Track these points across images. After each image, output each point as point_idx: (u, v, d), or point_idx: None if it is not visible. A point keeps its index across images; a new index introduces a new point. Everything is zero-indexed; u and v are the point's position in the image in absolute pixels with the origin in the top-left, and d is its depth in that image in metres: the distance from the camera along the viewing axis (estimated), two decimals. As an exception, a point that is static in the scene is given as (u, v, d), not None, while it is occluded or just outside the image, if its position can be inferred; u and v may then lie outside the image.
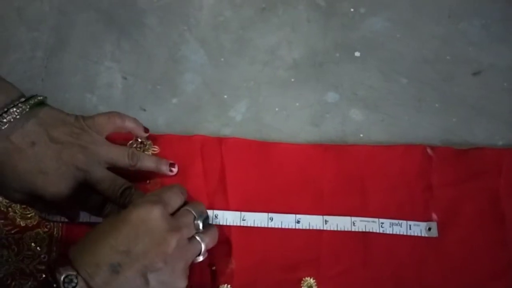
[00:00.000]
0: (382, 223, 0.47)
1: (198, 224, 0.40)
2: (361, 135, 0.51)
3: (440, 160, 0.48)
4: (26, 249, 0.46)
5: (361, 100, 0.52)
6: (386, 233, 0.46)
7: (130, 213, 0.37)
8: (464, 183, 0.47)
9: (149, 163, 0.46)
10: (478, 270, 0.45)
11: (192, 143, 0.50)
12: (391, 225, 0.46)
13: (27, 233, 0.47)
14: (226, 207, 0.48)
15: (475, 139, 0.50)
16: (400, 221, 0.46)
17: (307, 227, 0.47)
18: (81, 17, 0.56)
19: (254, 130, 0.51)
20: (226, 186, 0.48)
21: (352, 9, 0.55)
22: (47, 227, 0.47)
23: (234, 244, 0.47)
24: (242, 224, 0.47)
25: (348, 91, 0.52)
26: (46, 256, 0.46)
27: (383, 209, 0.47)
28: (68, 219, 0.46)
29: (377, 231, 0.46)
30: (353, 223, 0.47)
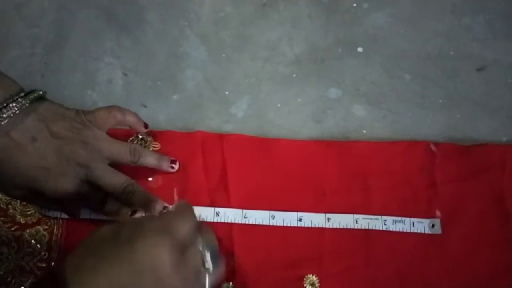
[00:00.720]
0: (385, 220, 0.46)
1: (209, 269, 0.35)
2: (363, 131, 0.50)
3: (444, 157, 0.48)
4: (26, 246, 0.46)
5: (364, 96, 0.52)
6: (389, 230, 0.46)
7: (136, 252, 0.31)
8: (467, 180, 0.47)
9: (150, 159, 0.46)
10: (482, 267, 0.45)
11: (193, 140, 0.49)
12: (394, 222, 0.46)
13: (27, 231, 0.46)
14: (228, 204, 0.47)
15: (478, 135, 0.50)
16: (403, 218, 0.46)
17: (309, 225, 0.46)
18: (81, 13, 0.56)
19: (256, 127, 0.51)
20: (228, 183, 0.48)
21: (354, 4, 0.55)
22: (48, 224, 0.47)
23: (236, 241, 0.46)
24: (243, 222, 0.47)
25: (350, 87, 0.52)
26: (46, 254, 0.46)
27: (386, 205, 0.47)
28: (69, 216, 0.46)
29: (380, 229, 0.46)
30: (356, 221, 0.46)
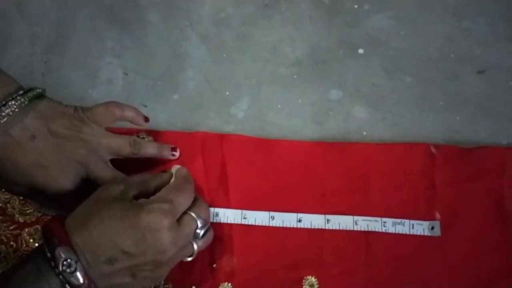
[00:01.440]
0: (384, 222, 0.46)
1: (199, 234, 0.41)
2: (364, 133, 0.50)
3: (444, 159, 0.48)
4: (24, 245, 0.46)
5: (365, 98, 0.51)
6: (388, 232, 0.46)
7: (141, 218, 0.36)
8: (467, 182, 0.47)
9: (151, 149, 0.46)
10: (481, 269, 0.44)
11: (193, 140, 0.49)
12: (394, 224, 0.46)
13: (26, 230, 0.46)
14: (227, 205, 0.47)
15: (479, 138, 0.50)
16: (402, 220, 0.46)
17: (309, 226, 0.46)
18: (82, 12, 0.56)
19: (256, 127, 0.51)
20: (227, 183, 0.48)
21: (356, 6, 0.55)
22: (46, 223, 0.47)
23: (235, 242, 0.46)
24: (243, 223, 0.47)
25: (351, 88, 0.52)
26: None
27: (386, 207, 0.47)
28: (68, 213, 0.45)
29: (380, 231, 0.46)
30: (355, 222, 0.46)
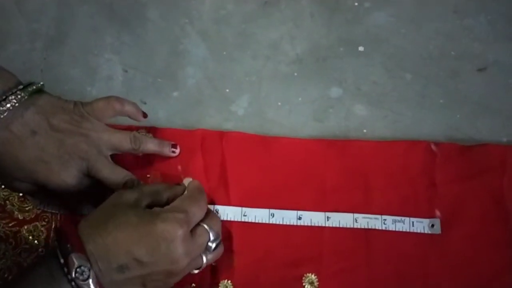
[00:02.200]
0: (384, 220, 0.46)
1: (211, 247, 0.40)
2: (364, 130, 0.50)
3: (444, 157, 0.47)
4: (23, 242, 0.46)
5: (365, 96, 0.51)
6: (388, 230, 0.46)
7: (155, 226, 0.36)
8: (467, 180, 0.47)
9: (151, 145, 0.46)
10: (481, 267, 0.44)
11: (193, 137, 0.49)
12: (394, 222, 0.46)
13: (25, 227, 0.46)
14: (227, 202, 0.47)
15: (479, 135, 0.50)
16: (403, 218, 0.46)
17: (309, 224, 0.46)
18: (82, 8, 0.56)
19: (256, 125, 0.51)
20: (227, 180, 0.48)
21: (356, 4, 0.55)
22: (45, 220, 0.46)
23: (235, 239, 0.46)
24: (243, 220, 0.46)
25: (352, 86, 0.52)
26: (43, 250, 0.46)
27: (386, 205, 0.46)
28: (69, 210, 0.45)
29: (380, 228, 0.46)
30: (356, 220, 0.46)
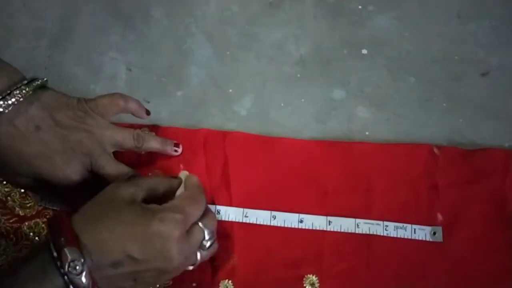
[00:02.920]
0: (386, 226, 0.46)
1: (205, 245, 0.40)
2: (367, 133, 0.50)
3: (447, 160, 0.47)
4: (24, 239, 0.46)
5: (368, 98, 0.51)
6: (390, 236, 0.46)
7: (152, 226, 0.36)
8: (470, 184, 0.47)
9: (154, 143, 0.46)
10: (483, 272, 0.44)
11: (195, 137, 0.49)
12: (396, 228, 0.46)
13: (26, 223, 0.46)
14: (229, 203, 0.47)
15: (481, 139, 0.50)
16: (404, 225, 0.46)
17: (310, 227, 0.46)
18: (87, 7, 0.56)
19: (259, 125, 0.51)
20: (229, 181, 0.48)
21: (360, 7, 0.55)
22: (47, 217, 0.46)
23: (236, 240, 0.46)
24: (244, 221, 0.46)
25: (355, 88, 0.52)
26: (44, 247, 0.46)
27: (388, 208, 0.46)
28: (70, 208, 0.45)
29: (381, 234, 0.45)
30: (357, 225, 0.46)
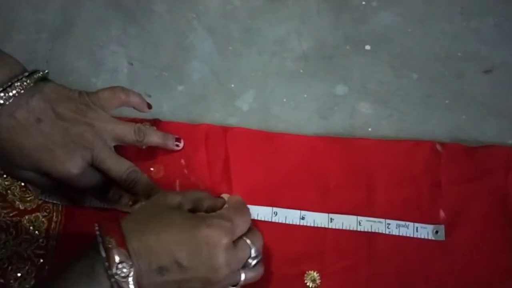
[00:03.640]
0: (388, 224, 0.46)
1: (250, 263, 0.39)
2: (369, 129, 0.50)
3: (449, 157, 0.47)
4: (24, 233, 0.45)
5: (370, 94, 0.51)
6: (392, 234, 0.45)
7: (200, 230, 0.35)
8: (472, 181, 0.47)
9: (155, 138, 0.46)
10: (486, 270, 0.44)
11: (197, 132, 0.49)
12: (398, 226, 0.45)
13: (26, 217, 0.46)
14: (230, 198, 0.47)
15: (484, 137, 0.49)
16: (407, 223, 0.45)
17: (312, 224, 0.46)
18: (88, 0, 0.55)
19: (261, 121, 0.50)
20: (231, 176, 0.47)
21: (363, 2, 0.55)
22: (47, 211, 0.46)
23: (237, 235, 0.46)
24: (245, 217, 0.46)
25: (357, 84, 0.52)
26: (44, 241, 0.46)
27: (390, 205, 0.46)
28: (69, 202, 0.45)
29: (383, 232, 0.45)
30: (359, 223, 0.46)
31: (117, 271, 0.32)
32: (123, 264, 0.33)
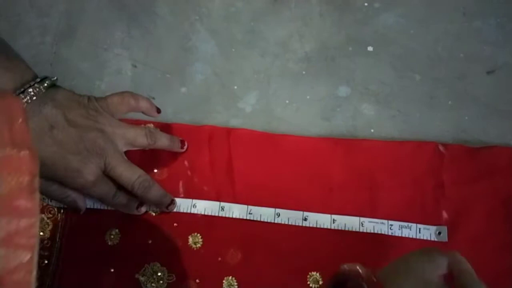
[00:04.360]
0: (391, 225, 0.46)
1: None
2: (372, 130, 0.50)
3: (452, 158, 0.47)
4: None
5: (373, 95, 0.51)
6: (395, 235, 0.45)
7: (424, 272, 0.34)
8: (475, 182, 0.47)
9: (165, 141, 0.46)
10: (489, 271, 0.44)
11: (200, 133, 0.49)
12: (400, 227, 0.45)
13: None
14: (233, 200, 0.47)
15: (487, 137, 0.49)
16: (409, 224, 0.46)
17: (315, 226, 0.46)
18: (92, 3, 0.56)
19: (264, 122, 0.51)
20: (234, 177, 0.48)
21: (366, 4, 0.55)
22: (51, 212, 0.46)
23: (241, 236, 0.46)
24: (248, 218, 0.46)
25: (360, 85, 0.52)
26: (49, 242, 0.46)
27: (393, 206, 0.46)
28: (73, 209, 0.45)
29: (386, 233, 0.45)
30: (362, 224, 0.46)
31: None
32: None
